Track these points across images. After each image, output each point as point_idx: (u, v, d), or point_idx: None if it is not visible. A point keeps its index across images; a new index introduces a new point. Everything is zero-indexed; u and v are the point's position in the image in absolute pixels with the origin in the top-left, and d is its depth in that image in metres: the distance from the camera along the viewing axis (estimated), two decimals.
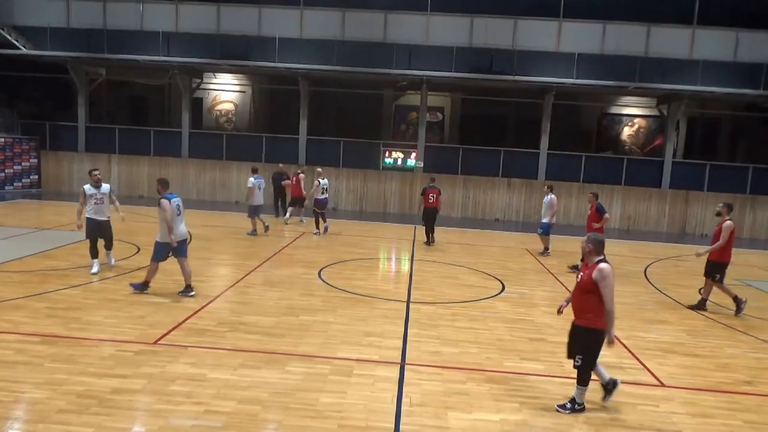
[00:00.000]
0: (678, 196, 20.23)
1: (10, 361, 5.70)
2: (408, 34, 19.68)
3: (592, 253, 5.30)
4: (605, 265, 5.15)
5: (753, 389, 6.20)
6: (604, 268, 5.12)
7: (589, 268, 5.25)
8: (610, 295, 5.09)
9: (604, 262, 5.19)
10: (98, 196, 9.24)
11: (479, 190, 20.48)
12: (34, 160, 20.99)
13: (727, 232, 9.05)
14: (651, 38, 19.32)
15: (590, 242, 5.32)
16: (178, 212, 8.22)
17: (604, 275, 5.09)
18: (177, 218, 8.15)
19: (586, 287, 5.21)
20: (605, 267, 5.13)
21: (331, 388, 5.52)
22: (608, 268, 5.13)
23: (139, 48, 19.76)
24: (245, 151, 21.38)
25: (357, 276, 10.35)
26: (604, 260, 5.23)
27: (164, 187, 8.21)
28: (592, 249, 5.29)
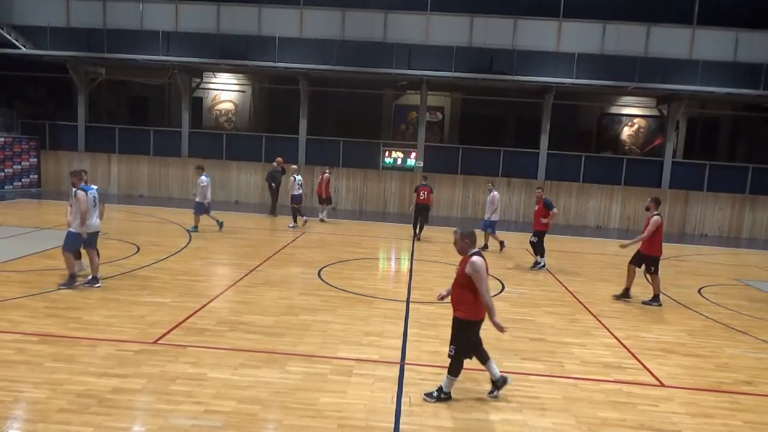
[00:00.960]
0: (678, 196, 20.23)
1: (10, 360, 5.70)
2: (408, 33, 19.67)
3: (466, 246, 5.31)
4: (476, 258, 5.16)
5: (753, 389, 6.20)
6: (476, 262, 5.14)
7: (463, 262, 5.29)
8: (483, 287, 5.10)
9: (477, 256, 5.20)
10: None
11: (479, 189, 20.46)
12: (33, 160, 20.98)
13: (654, 226, 9.28)
14: (651, 38, 19.32)
15: (463, 236, 5.33)
16: (93, 204, 8.41)
17: (475, 269, 5.11)
18: (92, 210, 8.34)
19: (460, 280, 5.26)
20: (476, 260, 5.15)
21: (331, 388, 5.52)
22: (479, 261, 5.15)
23: (139, 48, 19.75)
24: (245, 151, 21.37)
25: (357, 276, 10.34)
26: (477, 254, 5.23)
27: (79, 179, 8.38)
28: (467, 243, 5.31)
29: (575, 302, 9.44)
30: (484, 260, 5.23)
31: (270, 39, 19.48)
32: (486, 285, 5.15)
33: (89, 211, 8.26)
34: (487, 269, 5.24)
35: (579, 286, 10.64)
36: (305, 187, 15.87)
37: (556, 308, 8.97)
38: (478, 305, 5.24)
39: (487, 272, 5.23)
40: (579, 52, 18.98)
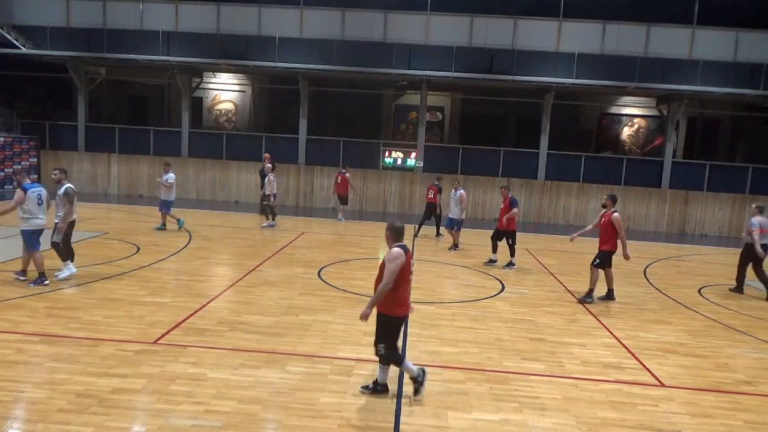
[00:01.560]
0: (678, 196, 20.23)
1: (10, 360, 5.70)
2: (408, 34, 19.68)
3: (389, 239, 5.32)
4: (394, 249, 5.17)
5: (753, 389, 6.20)
6: (392, 251, 5.15)
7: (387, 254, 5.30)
8: (388, 276, 5.07)
9: (398, 248, 5.19)
10: None
11: (479, 189, 20.47)
12: (33, 160, 20.98)
13: (618, 223, 9.26)
14: (651, 38, 19.32)
15: (388, 229, 5.34)
16: (39, 203, 8.62)
17: (390, 258, 5.11)
18: (38, 208, 8.60)
19: (380, 273, 5.23)
20: (394, 251, 5.15)
21: (331, 388, 5.52)
22: (396, 252, 5.13)
23: (139, 47, 19.75)
24: (245, 151, 21.36)
25: (357, 276, 10.34)
26: (399, 246, 5.22)
27: (22, 177, 8.69)
28: (389, 235, 5.32)
29: (575, 302, 9.44)
30: (405, 254, 5.16)
31: (270, 39, 19.48)
32: (391, 277, 5.06)
33: (35, 209, 8.51)
34: (407, 264, 5.18)
35: (579, 286, 10.63)
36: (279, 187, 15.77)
37: (556, 308, 8.97)
38: (399, 300, 5.21)
39: (406, 267, 5.16)
40: (579, 52, 18.99)
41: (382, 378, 5.40)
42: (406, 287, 5.32)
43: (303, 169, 21.09)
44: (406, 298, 5.31)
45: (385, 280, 5.08)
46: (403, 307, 5.27)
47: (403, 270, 5.16)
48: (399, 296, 5.21)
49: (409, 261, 5.24)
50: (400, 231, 5.35)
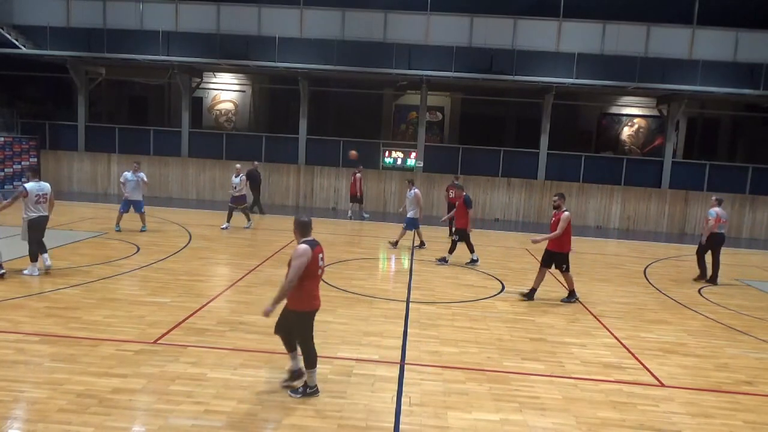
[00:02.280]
0: (678, 196, 20.23)
1: (10, 360, 5.70)
2: (408, 34, 19.68)
3: (295, 234, 5.27)
4: (300, 246, 5.12)
5: (753, 389, 6.20)
6: (298, 248, 5.10)
7: None
8: (292, 272, 5.03)
9: (304, 244, 5.14)
10: (41, 193, 9.12)
11: (479, 189, 20.47)
12: (33, 160, 20.97)
13: (565, 222, 9.17)
14: (651, 38, 19.32)
15: (294, 224, 5.29)
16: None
17: (296, 254, 5.07)
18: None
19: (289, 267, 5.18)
20: (299, 247, 5.11)
21: (331, 388, 5.51)
22: (302, 249, 5.08)
23: (139, 47, 19.75)
24: (245, 151, 21.36)
25: (357, 276, 10.34)
26: (306, 242, 5.17)
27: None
28: (295, 231, 5.27)
29: (575, 302, 9.44)
30: (311, 249, 5.11)
31: (270, 39, 19.48)
32: (295, 274, 5.01)
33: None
34: (314, 260, 5.12)
35: (579, 286, 10.62)
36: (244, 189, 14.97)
37: (556, 308, 8.97)
38: (308, 295, 5.18)
39: (314, 262, 5.11)
40: (579, 52, 18.98)
41: (311, 380, 5.32)
42: (314, 282, 5.23)
43: (303, 169, 21.10)
44: (314, 292, 5.25)
45: (289, 277, 5.02)
46: (312, 301, 5.22)
47: (310, 265, 5.09)
48: (306, 291, 5.14)
49: (316, 256, 5.16)
50: (307, 226, 5.28)
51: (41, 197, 9.02)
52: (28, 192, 8.87)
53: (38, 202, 9.00)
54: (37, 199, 8.97)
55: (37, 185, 9.05)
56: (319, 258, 5.23)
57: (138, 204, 13.39)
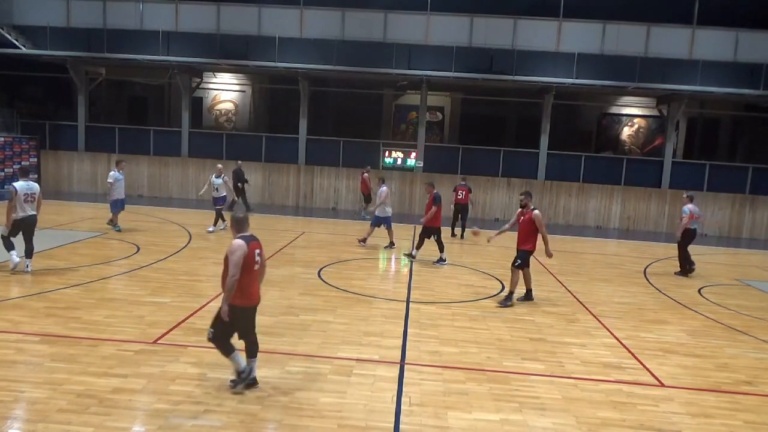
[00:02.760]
0: (678, 196, 20.18)
1: (10, 360, 5.70)
2: (408, 34, 19.68)
3: (232, 231, 5.33)
4: (235, 242, 5.15)
5: (753, 389, 6.20)
6: (233, 243, 5.14)
7: None
8: (231, 268, 5.05)
9: (239, 240, 5.16)
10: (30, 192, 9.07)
11: (479, 189, 20.45)
12: (33, 160, 20.98)
13: (540, 221, 8.86)
14: (651, 38, 19.32)
15: (230, 221, 5.33)
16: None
17: (230, 250, 5.10)
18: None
19: (225, 267, 5.19)
20: (234, 242, 5.14)
21: (331, 388, 5.52)
22: (236, 243, 5.12)
23: (139, 47, 19.75)
24: (245, 151, 21.36)
25: (357, 276, 10.34)
26: (242, 238, 5.19)
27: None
28: (231, 227, 5.33)
29: (575, 302, 9.44)
30: (247, 244, 5.13)
31: (270, 39, 19.48)
32: (236, 269, 5.03)
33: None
34: (251, 255, 5.14)
35: (579, 286, 10.64)
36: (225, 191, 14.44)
37: (556, 308, 8.97)
38: (245, 291, 5.18)
39: (250, 258, 5.13)
40: (579, 52, 18.98)
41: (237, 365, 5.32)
42: (250, 277, 5.23)
43: (303, 169, 21.10)
44: (250, 287, 5.24)
45: (231, 273, 5.05)
46: (245, 297, 5.21)
47: (247, 260, 5.12)
48: (242, 286, 5.13)
49: (252, 251, 5.18)
50: (242, 222, 5.32)
51: (29, 197, 8.99)
52: (18, 191, 8.85)
53: (26, 201, 8.96)
54: (25, 198, 8.94)
55: (26, 184, 9.02)
56: (256, 253, 5.26)
57: (124, 202, 13.56)
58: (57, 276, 8.96)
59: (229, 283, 5.09)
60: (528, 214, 8.96)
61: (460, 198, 15.43)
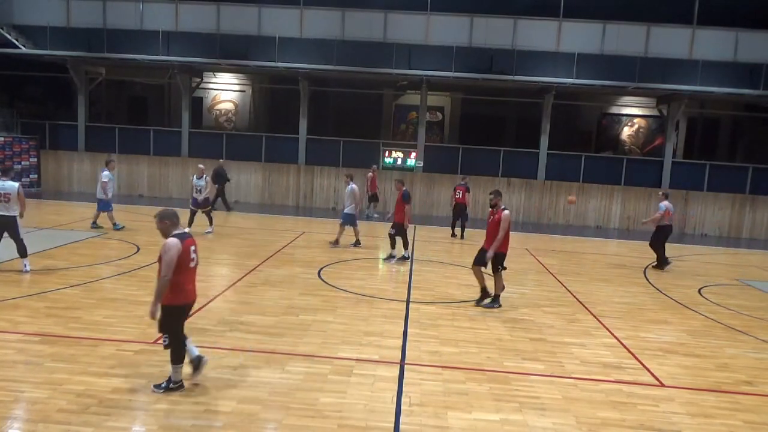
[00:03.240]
0: (678, 196, 20.21)
1: (10, 360, 5.70)
2: (408, 34, 19.68)
3: (165, 228, 5.18)
4: (170, 240, 5.06)
5: (753, 389, 6.20)
6: (166, 242, 5.05)
7: None
8: (165, 267, 4.98)
9: (174, 237, 5.08)
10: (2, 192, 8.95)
11: (479, 189, 20.45)
12: (33, 160, 20.97)
13: (507, 222, 8.51)
14: (651, 38, 19.32)
15: (162, 218, 5.19)
16: None
17: (164, 250, 5.02)
18: None
19: (160, 266, 5.11)
20: (168, 241, 5.06)
21: (331, 388, 5.51)
22: (171, 242, 5.03)
23: (139, 47, 19.75)
24: (245, 151, 21.38)
25: (357, 276, 10.34)
26: (177, 235, 5.11)
27: None
28: (166, 224, 5.18)
29: (575, 302, 9.44)
30: (181, 242, 5.06)
31: (270, 39, 19.48)
32: (168, 268, 4.96)
33: None
34: (185, 253, 5.08)
35: (579, 286, 10.64)
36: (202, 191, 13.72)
37: (556, 308, 8.97)
38: (180, 289, 5.12)
39: (184, 255, 5.07)
40: (579, 52, 18.99)
41: (176, 375, 5.26)
42: (186, 275, 5.18)
43: (303, 169, 21.10)
44: (186, 285, 5.19)
45: (163, 272, 4.98)
46: (184, 295, 5.16)
47: (182, 259, 5.06)
48: (176, 285, 5.07)
49: (188, 249, 5.13)
50: (175, 219, 5.22)
51: (2, 197, 8.83)
52: None
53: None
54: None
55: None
56: (191, 251, 5.21)
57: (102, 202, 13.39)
58: (57, 276, 8.96)
59: (161, 283, 4.98)
60: (498, 214, 8.59)
61: (459, 198, 15.41)
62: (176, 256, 5.00)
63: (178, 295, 5.14)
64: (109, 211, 13.40)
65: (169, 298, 5.09)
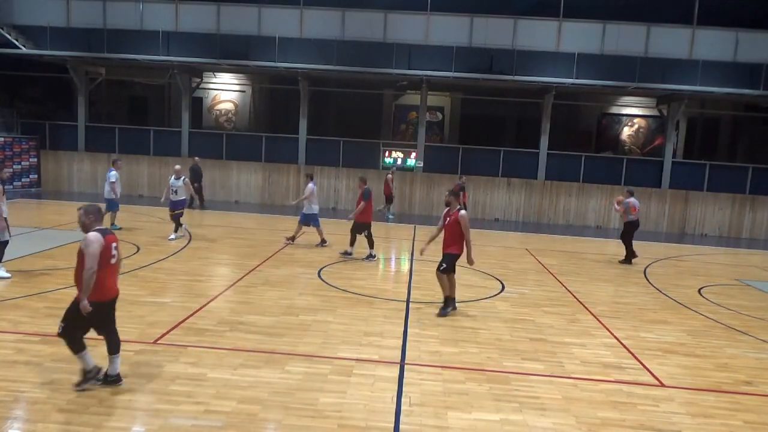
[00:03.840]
0: (678, 196, 20.23)
1: (10, 360, 5.70)
2: (408, 34, 19.68)
3: (88, 223, 5.15)
4: (90, 234, 5.03)
5: (753, 389, 6.20)
6: (87, 236, 5.02)
7: None
8: (88, 261, 4.94)
9: (95, 233, 5.05)
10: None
11: (479, 189, 20.48)
12: (33, 160, 20.97)
13: (466, 222, 8.03)
14: (651, 38, 19.32)
15: (87, 212, 5.17)
16: None
17: (85, 243, 4.99)
18: None
19: (78, 262, 5.08)
20: (89, 235, 5.03)
21: (331, 388, 5.52)
22: (92, 237, 5.00)
23: (139, 47, 19.75)
24: (245, 151, 21.38)
25: (357, 276, 10.34)
26: (98, 230, 5.08)
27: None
28: (90, 219, 5.15)
29: (575, 302, 9.44)
30: (103, 237, 5.07)
31: (270, 39, 19.48)
32: (92, 261, 4.93)
33: None
34: (107, 248, 5.06)
35: (579, 286, 10.64)
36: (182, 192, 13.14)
37: (556, 308, 8.97)
38: (101, 285, 5.07)
39: (106, 251, 5.04)
40: (579, 52, 18.98)
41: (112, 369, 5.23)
42: (107, 271, 5.13)
43: (303, 169, 21.09)
44: (106, 282, 5.14)
45: (88, 265, 4.93)
46: (100, 292, 5.08)
47: (104, 254, 5.04)
48: (98, 281, 5.03)
49: (110, 245, 5.11)
50: (99, 214, 5.22)
51: None
52: None
53: None
54: None
55: None
56: (113, 247, 5.18)
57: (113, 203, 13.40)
58: (57, 276, 8.96)
59: (87, 276, 4.94)
60: (454, 215, 8.10)
61: None
62: (99, 250, 4.98)
63: (102, 292, 5.09)
64: (111, 211, 13.39)
65: (92, 294, 5.04)
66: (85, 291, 4.99)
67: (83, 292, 4.99)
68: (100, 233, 5.09)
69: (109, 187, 13.32)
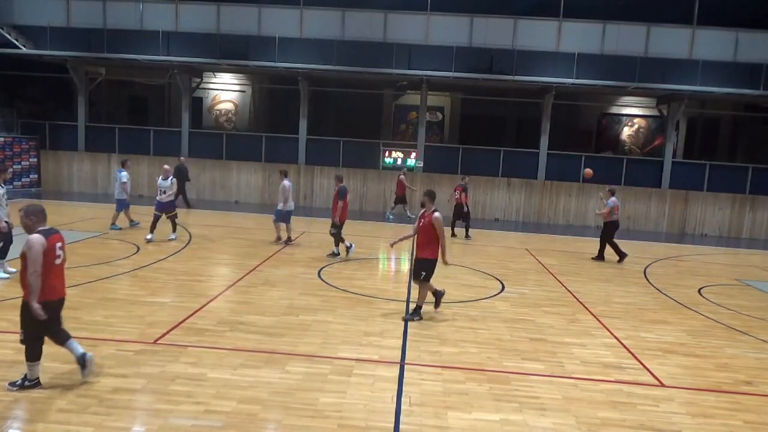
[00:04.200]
0: (678, 196, 20.23)
1: (10, 360, 5.70)
2: (408, 34, 19.68)
3: (30, 224, 5.11)
4: (32, 236, 5.00)
5: (753, 389, 6.20)
6: (29, 239, 4.98)
7: None
8: (31, 265, 4.92)
9: (38, 234, 5.02)
10: None
11: (479, 189, 20.47)
12: (33, 160, 20.97)
13: (440, 225, 7.77)
14: (651, 38, 19.31)
15: (27, 213, 5.14)
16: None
17: (28, 245, 4.95)
18: None
19: (23, 264, 5.07)
20: (30, 237, 4.99)
21: (331, 388, 5.52)
22: (34, 239, 4.97)
23: (139, 47, 19.74)
24: (245, 151, 21.38)
25: (357, 276, 10.34)
26: (41, 232, 5.06)
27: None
28: (32, 220, 5.11)
29: (575, 302, 9.44)
30: (46, 238, 5.01)
31: (270, 39, 19.48)
32: (36, 266, 4.92)
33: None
34: (51, 249, 5.03)
35: (579, 286, 10.64)
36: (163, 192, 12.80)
37: (556, 308, 8.97)
38: (47, 286, 5.04)
39: (50, 251, 5.01)
40: (579, 52, 18.98)
41: (31, 373, 5.18)
42: (52, 272, 5.10)
43: (303, 169, 21.10)
44: (51, 282, 5.11)
45: (30, 269, 4.91)
46: (45, 293, 5.06)
47: (47, 255, 5.01)
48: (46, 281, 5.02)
49: (53, 245, 5.07)
50: (41, 214, 5.17)
51: None
52: None
53: None
54: None
55: None
56: (57, 247, 5.14)
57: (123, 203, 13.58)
58: None
59: (32, 279, 4.93)
60: (428, 217, 7.82)
61: (458, 198, 15.45)
62: (41, 252, 4.96)
63: (42, 293, 5.05)
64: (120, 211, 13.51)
65: (45, 294, 5.04)
66: (33, 294, 4.97)
67: (31, 295, 4.98)
68: (43, 234, 5.05)
69: (120, 187, 13.43)
